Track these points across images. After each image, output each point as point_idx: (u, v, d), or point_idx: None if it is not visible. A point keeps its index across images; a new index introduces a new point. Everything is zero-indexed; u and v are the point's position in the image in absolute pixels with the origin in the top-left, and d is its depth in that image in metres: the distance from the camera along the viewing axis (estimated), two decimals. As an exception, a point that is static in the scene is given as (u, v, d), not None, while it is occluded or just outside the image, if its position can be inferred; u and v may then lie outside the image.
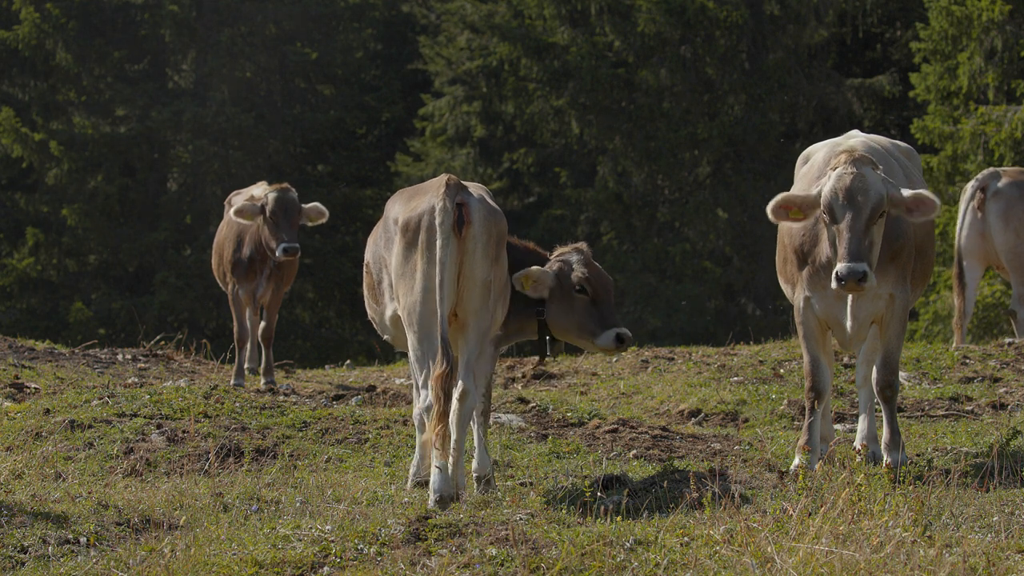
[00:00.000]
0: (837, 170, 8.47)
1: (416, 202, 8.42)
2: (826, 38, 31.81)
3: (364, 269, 9.13)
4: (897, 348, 9.09)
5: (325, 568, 6.81)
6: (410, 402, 12.70)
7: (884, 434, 9.27)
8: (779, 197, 8.71)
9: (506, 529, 7.11)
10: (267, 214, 12.93)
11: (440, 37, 34.47)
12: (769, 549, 6.54)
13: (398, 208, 8.58)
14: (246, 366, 13.60)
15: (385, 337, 9.15)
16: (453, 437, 8.16)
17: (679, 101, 31.15)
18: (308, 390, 13.25)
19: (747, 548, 6.60)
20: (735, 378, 13.42)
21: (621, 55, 31.57)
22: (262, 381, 13.32)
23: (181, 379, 13.65)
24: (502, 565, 6.71)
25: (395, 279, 8.46)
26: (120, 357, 14.96)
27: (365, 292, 9.19)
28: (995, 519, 7.30)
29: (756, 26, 31.31)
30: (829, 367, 9.30)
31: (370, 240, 9.14)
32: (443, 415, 7.95)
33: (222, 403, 11.74)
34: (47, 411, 11.40)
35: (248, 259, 13.45)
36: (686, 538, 6.92)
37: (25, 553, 7.29)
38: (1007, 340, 14.96)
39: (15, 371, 13.52)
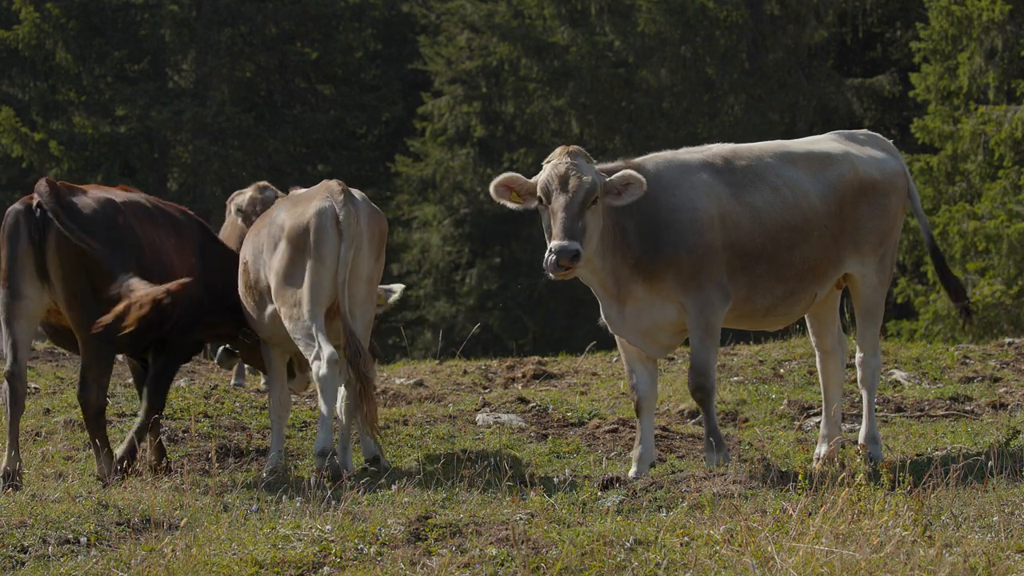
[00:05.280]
0: (552, 161, 8.76)
1: (303, 207, 9.07)
2: (826, 38, 31.81)
3: (241, 268, 9.56)
4: (701, 351, 8.94)
5: (325, 568, 6.81)
6: (410, 402, 12.71)
7: (704, 435, 9.14)
8: (503, 176, 8.87)
9: (506, 529, 7.10)
10: (244, 214, 12.97)
11: (440, 37, 34.45)
12: (769, 549, 6.53)
13: (284, 214, 9.18)
14: (246, 366, 13.58)
15: (261, 335, 9.49)
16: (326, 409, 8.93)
17: (679, 101, 31.15)
18: (308, 390, 13.23)
19: (747, 548, 6.60)
20: (735, 378, 13.41)
21: (621, 55, 31.57)
22: (262, 381, 13.31)
23: (181, 379, 13.64)
24: (502, 565, 6.71)
25: (280, 280, 9.05)
26: (120, 357, 14.94)
27: (241, 290, 9.61)
28: (995, 519, 7.29)
29: (756, 26, 31.30)
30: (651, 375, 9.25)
31: (248, 240, 9.55)
32: (368, 395, 8.91)
33: (222, 403, 11.74)
34: (47, 411, 11.41)
35: (248, 259, 13.43)
36: (686, 538, 6.92)
37: (25, 553, 7.29)
38: (1007, 340, 14.96)
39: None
